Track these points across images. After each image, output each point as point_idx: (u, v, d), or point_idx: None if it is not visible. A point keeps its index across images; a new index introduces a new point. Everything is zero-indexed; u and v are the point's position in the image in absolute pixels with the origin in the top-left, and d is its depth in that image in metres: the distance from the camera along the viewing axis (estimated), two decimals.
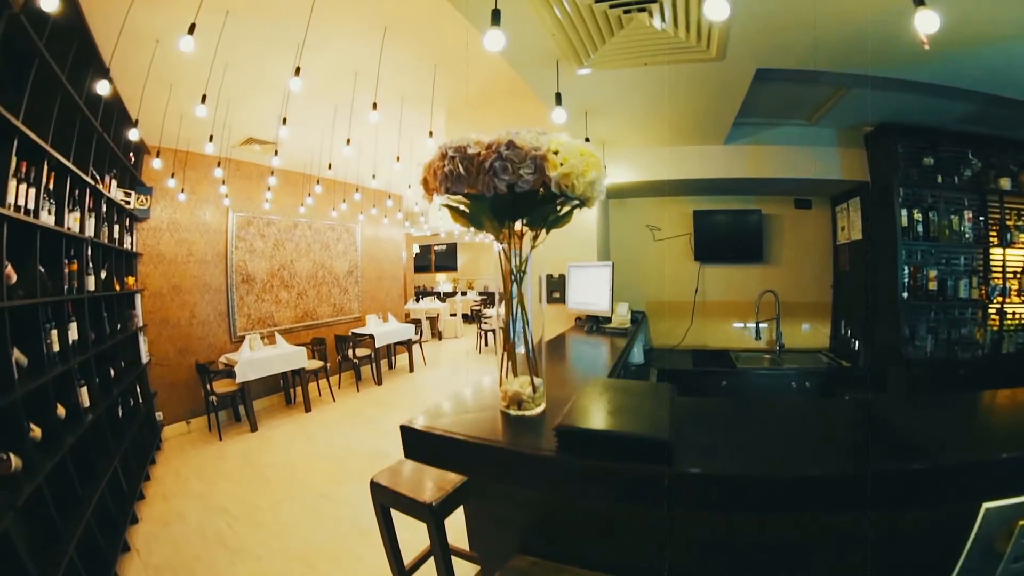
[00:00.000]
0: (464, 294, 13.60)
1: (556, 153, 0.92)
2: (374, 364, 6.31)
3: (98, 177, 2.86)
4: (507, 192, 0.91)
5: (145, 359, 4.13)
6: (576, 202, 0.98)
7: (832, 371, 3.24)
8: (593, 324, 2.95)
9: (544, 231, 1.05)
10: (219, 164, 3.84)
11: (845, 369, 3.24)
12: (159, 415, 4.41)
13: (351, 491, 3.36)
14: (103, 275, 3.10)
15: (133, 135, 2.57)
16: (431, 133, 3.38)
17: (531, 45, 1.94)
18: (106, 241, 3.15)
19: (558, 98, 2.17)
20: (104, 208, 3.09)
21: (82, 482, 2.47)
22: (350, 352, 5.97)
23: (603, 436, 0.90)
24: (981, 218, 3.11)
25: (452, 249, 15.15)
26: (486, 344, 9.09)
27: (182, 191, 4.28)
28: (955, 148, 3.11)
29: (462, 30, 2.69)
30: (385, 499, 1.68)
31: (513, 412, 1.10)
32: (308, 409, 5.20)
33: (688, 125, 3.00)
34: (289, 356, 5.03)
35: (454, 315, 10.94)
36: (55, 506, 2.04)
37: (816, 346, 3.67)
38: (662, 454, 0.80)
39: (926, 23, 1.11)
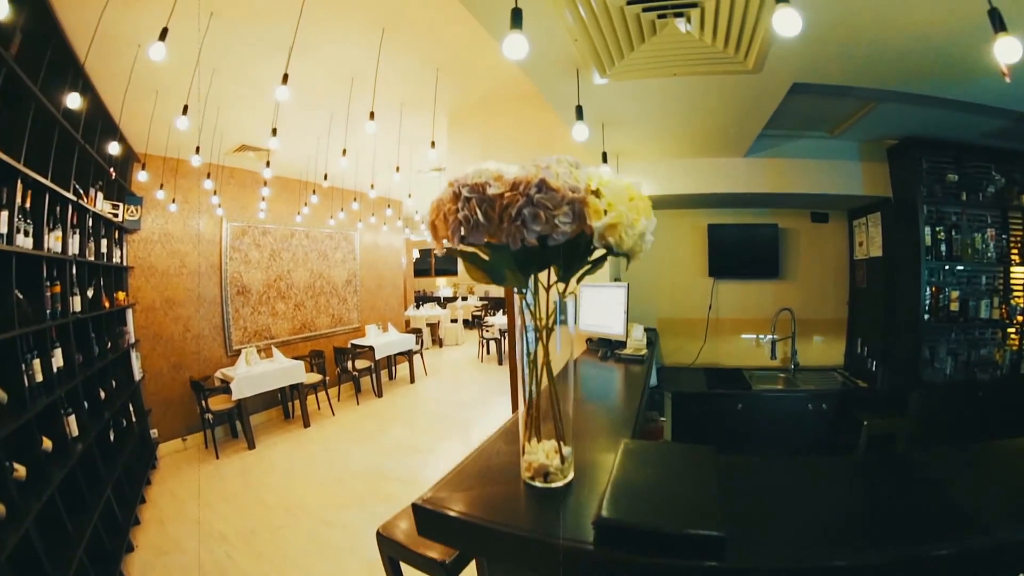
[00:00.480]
0: (465, 299, 13.45)
1: (597, 194, 0.76)
2: (374, 376, 6.17)
3: (81, 191, 2.72)
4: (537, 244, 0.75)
5: (138, 376, 3.99)
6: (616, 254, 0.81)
7: (849, 392, 3.14)
8: (607, 349, 2.78)
9: (575, 281, 0.89)
10: (209, 175, 3.69)
11: (862, 390, 3.14)
12: (154, 432, 4.27)
13: (352, 517, 3.22)
14: (90, 293, 2.96)
15: (113, 149, 2.42)
16: (433, 144, 3.23)
17: (549, 51, 1.78)
18: (93, 258, 3.01)
19: (579, 112, 2.00)
20: (90, 223, 2.95)
21: (73, 517, 2.34)
22: (349, 364, 5.82)
23: (650, 533, 0.77)
24: (1003, 236, 3.02)
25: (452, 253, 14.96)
26: (488, 352, 8.95)
27: (172, 201, 4.12)
28: (979, 164, 3.01)
29: (466, 31, 2.53)
30: (393, 552, 1.55)
31: (538, 484, 0.95)
32: (307, 424, 5.05)
33: (711, 138, 2.86)
34: (287, 370, 4.89)
35: (455, 321, 10.79)
36: (44, 547, 1.91)
37: (830, 363, 3.55)
38: (718, 551, 0.71)
39: (1008, 52, 0.97)
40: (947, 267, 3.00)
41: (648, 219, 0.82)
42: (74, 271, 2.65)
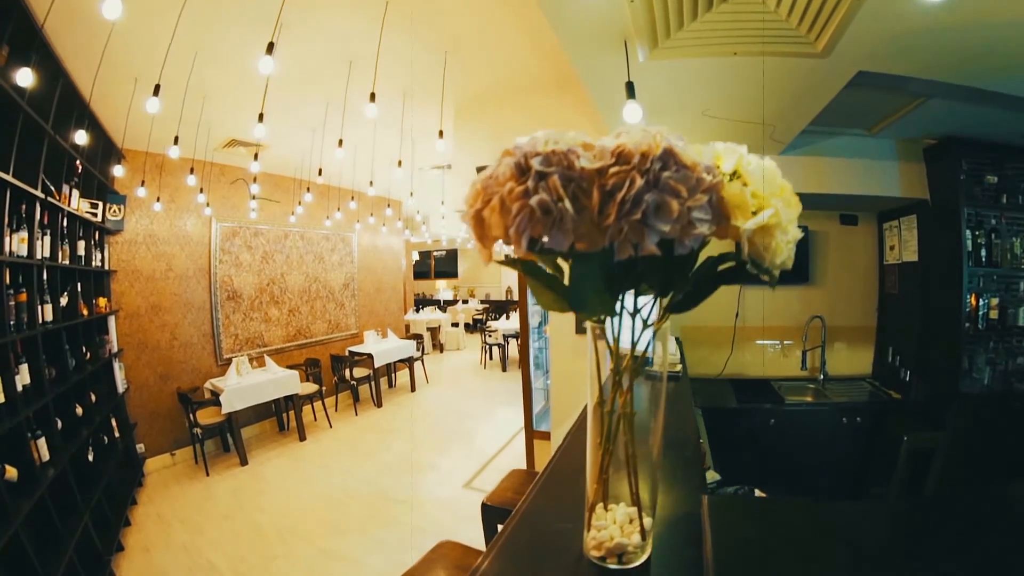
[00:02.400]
0: (466, 302, 13.20)
1: (736, 180, 0.52)
2: (373, 384, 5.90)
3: (52, 188, 2.45)
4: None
5: (122, 388, 3.71)
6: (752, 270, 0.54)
7: (882, 403, 2.99)
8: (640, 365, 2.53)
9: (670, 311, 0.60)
10: (192, 171, 3.41)
11: (896, 401, 2.99)
12: (140, 447, 3.99)
13: (353, 544, 2.96)
14: (64, 301, 2.68)
15: (80, 138, 2.13)
16: (441, 133, 2.96)
17: (595, 17, 1.52)
18: (68, 261, 2.74)
19: (630, 89, 1.74)
20: (64, 223, 2.68)
21: (46, 551, 2.07)
22: (347, 373, 5.55)
23: None
24: None
25: (453, 255, 14.74)
26: (490, 358, 8.71)
27: (157, 200, 3.85)
28: (1018, 165, 2.87)
29: (479, 10, 2.30)
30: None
31: (612, 566, 0.69)
32: (303, 437, 4.78)
33: (751, 132, 2.62)
34: (281, 381, 4.61)
35: (456, 325, 10.54)
36: None
37: (858, 372, 3.38)
38: None
39: None
40: (986, 273, 2.83)
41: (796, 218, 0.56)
42: (45, 276, 2.37)
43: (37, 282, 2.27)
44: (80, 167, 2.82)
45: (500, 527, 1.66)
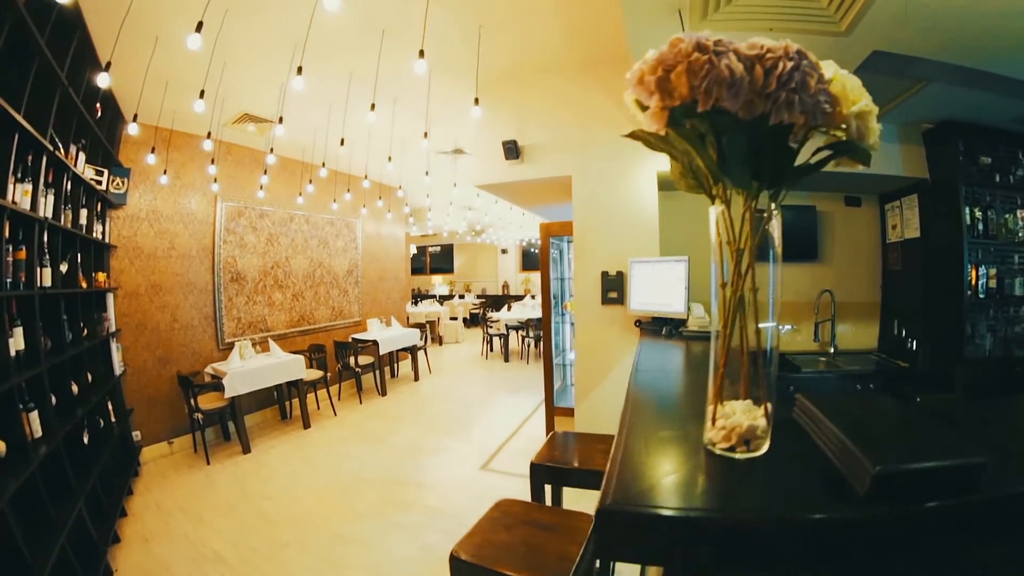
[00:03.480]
0: (462, 297, 13.04)
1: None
2: (378, 373, 5.72)
3: (60, 145, 2.27)
4: (778, 124, 0.59)
5: (119, 370, 3.52)
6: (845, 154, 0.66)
7: (892, 371, 3.12)
8: (670, 328, 2.54)
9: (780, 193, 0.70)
10: (208, 135, 3.22)
11: (905, 369, 3.12)
12: (136, 435, 3.79)
13: (372, 530, 2.80)
14: (64, 269, 2.50)
15: (103, 81, 1.94)
16: (477, 100, 2.84)
17: None
18: (70, 226, 2.55)
19: None
20: (68, 185, 2.49)
21: (37, 537, 1.89)
22: (352, 360, 5.37)
23: (933, 473, 0.60)
24: None
25: (448, 251, 14.58)
26: (491, 349, 8.57)
27: (164, 172, 3.67)
28: (1009, 148, 3.18)
29: None
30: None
31: (739, 456, 0.71)
32: (307, 425, 4.60)
33: None
34: (286, 365, 4.43)
35: (454, 319, 10.38)
36: None
37: (865, 347, 3.50)
38: (977, 480, 0.60)
39: None
40: (983, 246, 3.10)
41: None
42: (46, 237, 2.19)
43: (38, 242, 2.09)
44: (92, 122, 2.64)
45: (549, 486, 1.57)
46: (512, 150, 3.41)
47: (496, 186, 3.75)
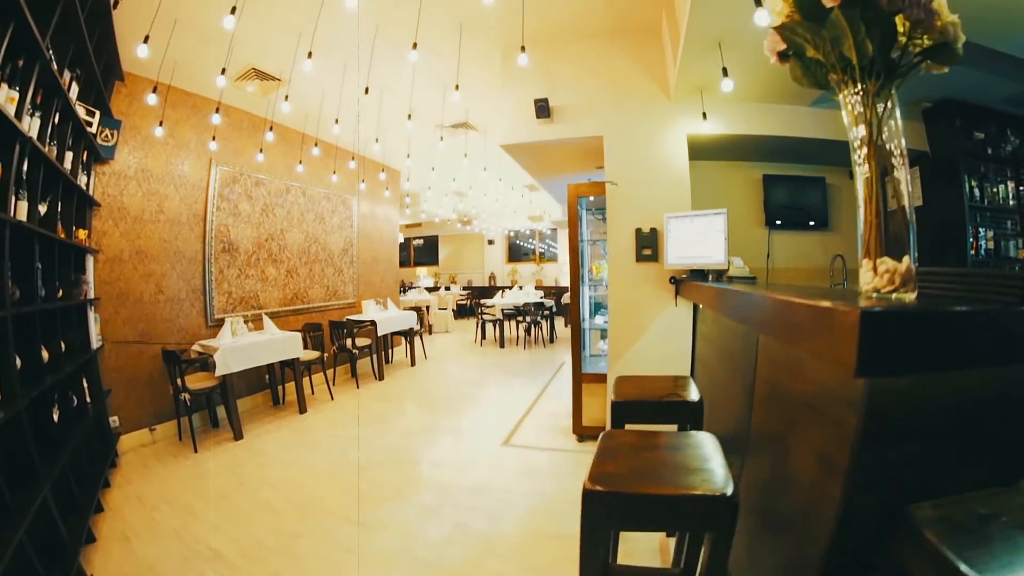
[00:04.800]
0: (448, 288, 12.73)
1: None
2: (375, 356, 5.40)
3: (54, 60, 1.91)
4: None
5: (96, 344, 3.11)
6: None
7: None
8: (714, 274, 2.66)
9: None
10: (224, 71, 2.85)
11: None
12: (114, 420, 3.38)
13: (393, 512, 2.54)
14: (43, 210, 2.13)
15: None
16: (523, 47, 2.65)
17: None
18: (54, 157, 2.17)
19: None
20: (57, 118, 2.12)
21: None
22: (349, 342, 5.04)
23: None
24: (1021, 188, 3.61)
25: (433, 242, 14.23)
26: (484, 337, 8.34)
27: (160, 124, 3.29)
28: (999, 126, 3.55)
29: None
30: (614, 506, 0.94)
31: (900, 296, 0.80)
32: (303, 410, 4.26)
33: (786, 79, 2.68)
34: (282, 343, 4.08)
35: (443, 309, 10.09)
36: None
37: None
38: None
39: None
40: (981, 211, 3.47)
41: None
42: (26, 160, 1.83)
43: (16, 165, 1.73)
44: (91, 50, 2.28)
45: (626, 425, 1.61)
46: (544, 108, 3.36)
47: (524, 146, 3.64)
